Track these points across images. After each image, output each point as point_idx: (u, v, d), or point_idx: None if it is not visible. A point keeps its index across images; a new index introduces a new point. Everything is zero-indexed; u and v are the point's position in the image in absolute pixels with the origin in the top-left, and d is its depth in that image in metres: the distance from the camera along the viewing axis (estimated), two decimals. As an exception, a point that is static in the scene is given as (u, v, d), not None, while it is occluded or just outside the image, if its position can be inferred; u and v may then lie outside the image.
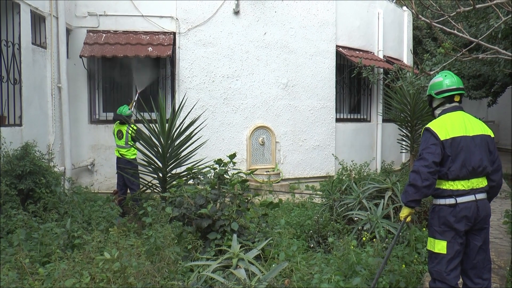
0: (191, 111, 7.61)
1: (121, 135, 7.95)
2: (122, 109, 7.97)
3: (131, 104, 8.58)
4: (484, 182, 3.51)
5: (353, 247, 4.60)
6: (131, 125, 7.85)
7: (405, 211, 3.61)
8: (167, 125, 6.45)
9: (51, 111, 7.84)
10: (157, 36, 9.16)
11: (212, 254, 4.48)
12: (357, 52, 11.31)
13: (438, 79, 3.71)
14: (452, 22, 3.15)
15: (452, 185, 3.42)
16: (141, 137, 6.66)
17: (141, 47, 8.79)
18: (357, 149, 11.49)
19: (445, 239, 3.41)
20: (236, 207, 4.91)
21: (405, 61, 13.17)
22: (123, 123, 7.94)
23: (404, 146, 10.60)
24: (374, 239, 5.24)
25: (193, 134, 6.69)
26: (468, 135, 3.46)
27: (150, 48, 8.77)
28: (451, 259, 3.40)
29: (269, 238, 4.69)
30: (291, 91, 10.31)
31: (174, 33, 9.30)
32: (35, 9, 7.32)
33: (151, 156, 6.57)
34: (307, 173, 10.55)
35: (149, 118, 7.17)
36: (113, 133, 8.18)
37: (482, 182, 3.49)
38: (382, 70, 11.49)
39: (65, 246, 4.88)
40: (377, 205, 6.16)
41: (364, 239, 5.27)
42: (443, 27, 3.21)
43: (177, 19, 9.31)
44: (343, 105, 11.70)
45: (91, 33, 8.90)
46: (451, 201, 3.40)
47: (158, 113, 6.58)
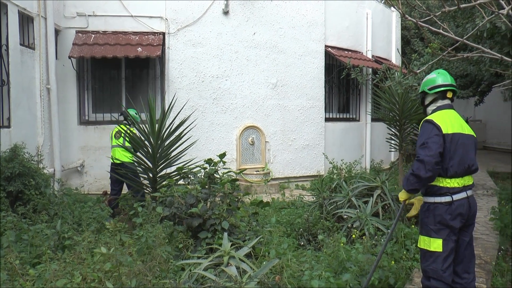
0: (180, 111, 7.61)
1: (119, 135, 7.67)
2: (130, 109, 7.73)
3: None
4: (471, 179, 3.59)
5: (342, 244, 4.65)
6: (131, 128, 7.41)
7: (405, 195, 3.64)
8: (157, 125, 6.45)
9: (40, 112, 7.80)
10: (146, 36, 9.15)
11: (203, 252, 4.49)
12: (346, 52, 11.40)
13: (431, 76, 3.77)
14: (438, 22, 3.20)
15: (449, 183, 3.44)
16: (131, 138, 6.64)
17: (130, 47, 8.78)
18: (347, 148, 11.57)
19: (441, 237, 3.43)
20: (226, 206, 4.93)
21: (394, 61, 13.29)
22: (125, 125, 7.60)
23: (393, 145, 10.67)
24: (363, 237, 5.31)
25: (183, 134, 6.69)
26: (464, 133, 3.53)
27: (139, 48, 8.77)
28: (447, 257, 3.44)
29: (259, 236, 4.72)
30: (281, 91, 10.37)
31: (163, 33, 9.30)
32: (23, 10, 7.28)
33: (141, 156, 6.56)
34: (297, 172, 10.61)
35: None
36: (111, 135, 7.82)
37: (470, 179, 3.57)
38: (371, 70, 11.59)
39: (56, 247, 4.86)
40: (366, 203, 6.24)
41: (353, 236, 5.33)
42: (430, 26, 3.26)
43: (166, 19, 9.31)
44: (332, 105, 11.77)
45: (80, 34, 8.87)
46: (447, 199, 3.43)
47: (147, 114, 6.57)
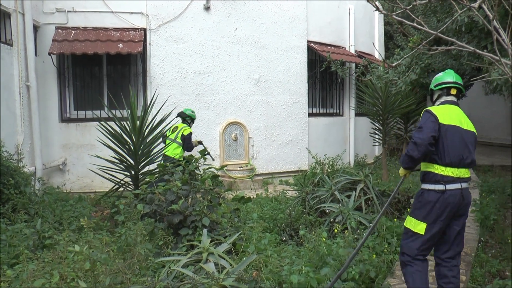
0: (162, 107, 7.56)
1: (175, 130, 8.11)
2: (186, 109, 8.43)
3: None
4: (468, 173, 3.74)
5: (324, 239, 4.66)
6: (186, 127, 8.07)
7: (403, 172, 3.95)
8: (138, 122, 6.40)
9: (19, 110, 7.68)
10: (127, 32, 9.06)
11: (184, 249, 4.48)
12: (329, 47, 11.42)
13: (439, 74, 4.05)
14: (412, 15, 3.22)
15: (443, 171, 3.62)
16: (112, 135, 6.57)
17: (111, 43, 8.69)
18: (330, 143, 11.61)
19: (426, 222, 3.63)
20: (207, 202, 4.92)
21: (377, 56, 13.35)
22: (183, 122, 8.27)
23: (376, 139, 10.76)
24: (345, 231, 5.32)
25: (165, 130, 6.65)
26: (463, 127, 3.72)
27: (120, 44, 8.68)
28: (426, 241, 3.65)
29: (239, 232, 4.71)
30: (263, 87, 10.36)
31: (144, 30, 9.22)
32: (-1, 5, 7.15)
33: (123, 153, 6.51)
34: (281, 167, 10.62)
35: (121, 115, 7.11)
36: (170, 128, 8.15)
37: (467, 172, 3.72)
38: (354, 65, 11.63)
39: (35, 247, 4.80)
40: (349, 197, 6.25)
41: (335, 231, 5.33)
42: (405, 20, 3.28)
43: (147, 15, 9.23)
44: (316, 100, 11.80)
45: (60, 30, 8.74)
46: (440, 187, 3.60)
47: (129, 110, 6.52)
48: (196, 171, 5.39)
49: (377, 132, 10.57)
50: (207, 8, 9.62)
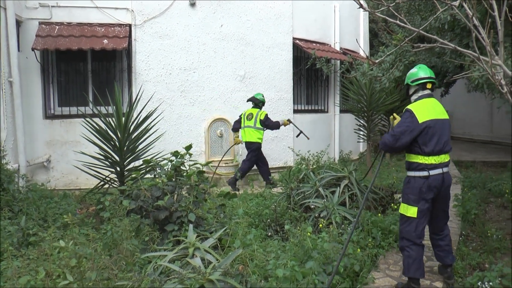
0: (147, 103, 7.53)
1: (251, 117, 9.16)
2: (257, 94, 9.47)
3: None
4: (447, 157, 4.28)
5: (309, 233, 4.72)
6: (261, 112, 9.19)
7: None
8: (123, 118, 6.38)
9: (2, 106, 7.58)
10: (112, 28, 9.00)
11: (170, 245, 4.50)
12: (314, 44, 11.48)
13: (413, 70, 4.47)
14: (395, 13, 3.28)
15: (426, 160, 4.16)
16: (97, 131, 6.54)
17: (96, 39, 8.62)
18: (315, 139, 11.64)
19: (417, 205, 4.19)
20: (193, 198, 4.94)
21: (361, 53, 13.45)
22: (255, 107, 9.34)
23: (361, 136, 10.87)
24: (330, 226, 5.38)
25: (151, 127, 6.64)
26: (439, 118, 4.22)
27: (105, 40, 8.62)
28: (419, 222, 4.21)
29: (225, 227, 4.75)
30: (249, 83, 10.39)
31: (130, 25, 9.17)
32: (-20, 0, 7.06)
33: (108, 150, 6.49)
34: (267, 164, 10.64)
35: (106, 111, 7.08)
36: (243, 116, 9.31)
37: (446, 157, 4.27)
38: (339, 62, 11.71)
39: (20, 244, 4.78)
40: (333, 193, 6.32)
41: (320, 226, 5.39)
42: (388, 17, 3.34)
43: (132, 10, 9.18)
44: (301, 97, 11.86)
45: (44, 25, 8.64)
46: (424, 173, 4.17)
47: (114, 107, 6.49)
48: (181, 167, 5.39)
49: (361, 128, 10.68)
50: (193, 4, 9.61)
